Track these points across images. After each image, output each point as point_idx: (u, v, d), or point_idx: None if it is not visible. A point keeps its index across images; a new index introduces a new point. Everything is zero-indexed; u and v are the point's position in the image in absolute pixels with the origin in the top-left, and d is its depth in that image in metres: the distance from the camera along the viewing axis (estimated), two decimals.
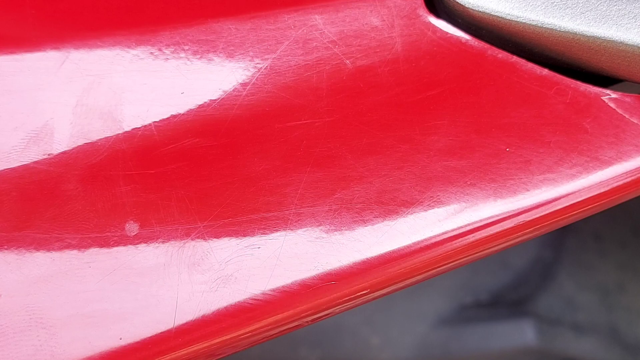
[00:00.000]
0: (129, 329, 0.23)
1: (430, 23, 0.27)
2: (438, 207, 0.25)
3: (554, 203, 0.26)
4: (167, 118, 0.25)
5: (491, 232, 0.26)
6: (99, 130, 0.25)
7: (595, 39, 0.26)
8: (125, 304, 0.24)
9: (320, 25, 0.27)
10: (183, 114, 0.25)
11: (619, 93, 0.28)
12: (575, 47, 0.27)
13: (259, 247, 0.25)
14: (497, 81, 0.27)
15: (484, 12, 0.26)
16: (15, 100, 0.25)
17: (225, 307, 0.24)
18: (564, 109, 0.27)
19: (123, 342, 0.23)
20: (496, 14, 0.26)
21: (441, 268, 0.26)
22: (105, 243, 0.24)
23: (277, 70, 0.26)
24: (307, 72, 0.26)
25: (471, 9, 0.26)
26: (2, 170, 0.24)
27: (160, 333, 0.24)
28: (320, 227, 0.25)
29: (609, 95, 0.27)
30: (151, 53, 0.26)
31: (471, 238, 0.26)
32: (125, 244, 0.24)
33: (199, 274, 0.24)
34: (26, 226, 0.24)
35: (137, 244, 0.24)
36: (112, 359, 0.23)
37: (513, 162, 0.26)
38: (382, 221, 0.25)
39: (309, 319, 0.25)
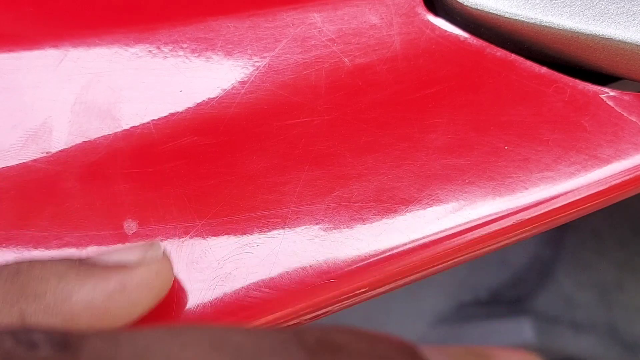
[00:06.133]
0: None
1: (429, 21, 0.27)
2: (436, 205, 0.25)
3: (552, 201, 0.26)
4: (166, 116, 0.25)
5: (490, 230, 0.26)
6: (97, 128, 0.25)
7: (593, 37, 0.26)
8: None
9: (318, 24, 0.27)
10: (181, 112, 0.25)
11: (618, 91, 0.28)
12: (573, 45, 0.27)
13: (257, 245, 0.25)
14: (495, 79, 0.27)
15: (482, 10, 0.26)
16: (13, 98, 0.25)
17: (224, 305, 0.24)
18: (562, 107, 0.27)
19: None
20: (495, 12, 0.26)
21: (439, 266, 0.26)
22: (103, 241, 0.24)
23: (275, 68, 0.26)
24: (306, 70, 0.26)
25: (470, 7, 0.26)
26: (0, 169, 0.24)
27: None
28: (318, 226, 0.25)
29: (607, 93, 0.27)
30: (149, 51, 0.26)
31: (469, 236, 0.26)
32: (123, 242, 0.24)
33: (197, 272, 0.24)
34: (24, 224, 0.24)
35: (136, 242, 0.24)
36: None
37: (511, 160, 0.26)
38: (381, 219, 0.25)
39: (308, 317, 0.25)
